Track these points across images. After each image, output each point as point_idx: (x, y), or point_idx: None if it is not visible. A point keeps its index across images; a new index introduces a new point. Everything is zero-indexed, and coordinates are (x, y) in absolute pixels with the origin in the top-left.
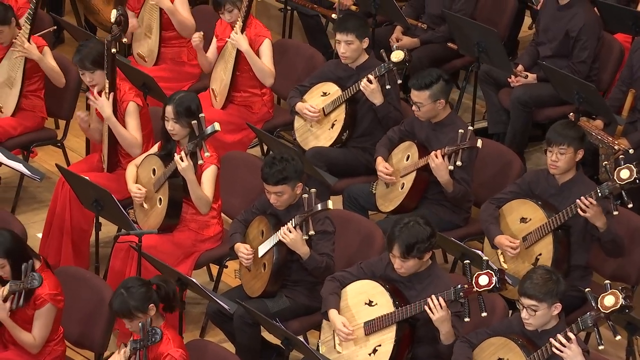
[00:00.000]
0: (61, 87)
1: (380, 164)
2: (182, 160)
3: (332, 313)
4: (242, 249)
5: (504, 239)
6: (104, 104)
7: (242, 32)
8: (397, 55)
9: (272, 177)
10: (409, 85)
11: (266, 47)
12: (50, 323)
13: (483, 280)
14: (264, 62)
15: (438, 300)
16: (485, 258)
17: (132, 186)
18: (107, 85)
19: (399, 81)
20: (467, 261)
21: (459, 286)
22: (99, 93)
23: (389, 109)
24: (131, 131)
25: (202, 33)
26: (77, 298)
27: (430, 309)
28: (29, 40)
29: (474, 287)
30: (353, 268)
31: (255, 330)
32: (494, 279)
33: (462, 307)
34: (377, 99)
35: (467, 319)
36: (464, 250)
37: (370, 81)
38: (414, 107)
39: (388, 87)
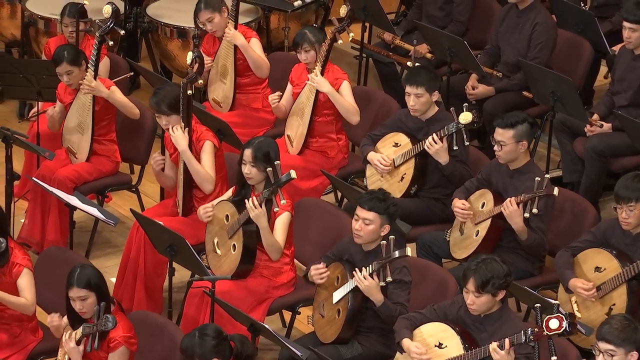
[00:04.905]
0: (136, 118)
1: (458, 202)
2: (255, 207)
3: (406, 341)
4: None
5: (579, 282)
6: (180, 136)
7: (321, 74)
8: (465, 117)
9: (368, 202)
10: (493, 125)
11: (346, 88)
12: None
13: (553, 324)
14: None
15: (501, 343)
16: (556, 302)
17: (202, 207)
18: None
19: (467, 143)
20: (538, 305)
21: (529, 330)
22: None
23: (454, 167)
24: (206, 168)
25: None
26: (150, 343)
27: (493, 351)
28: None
29: (544, 331)
30: (426, 310)
31: None
32: (565, 323)
33: (532, 350)
34: (443, 158)
35: None
36: (537, 299)
37: (435, 141)
38: (495, 147)
39: (456, 148)
